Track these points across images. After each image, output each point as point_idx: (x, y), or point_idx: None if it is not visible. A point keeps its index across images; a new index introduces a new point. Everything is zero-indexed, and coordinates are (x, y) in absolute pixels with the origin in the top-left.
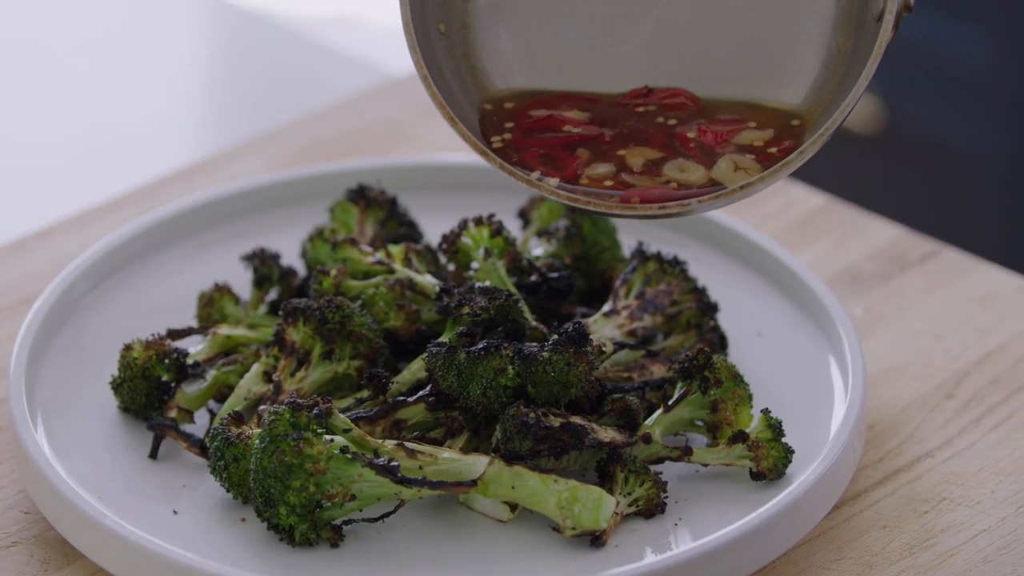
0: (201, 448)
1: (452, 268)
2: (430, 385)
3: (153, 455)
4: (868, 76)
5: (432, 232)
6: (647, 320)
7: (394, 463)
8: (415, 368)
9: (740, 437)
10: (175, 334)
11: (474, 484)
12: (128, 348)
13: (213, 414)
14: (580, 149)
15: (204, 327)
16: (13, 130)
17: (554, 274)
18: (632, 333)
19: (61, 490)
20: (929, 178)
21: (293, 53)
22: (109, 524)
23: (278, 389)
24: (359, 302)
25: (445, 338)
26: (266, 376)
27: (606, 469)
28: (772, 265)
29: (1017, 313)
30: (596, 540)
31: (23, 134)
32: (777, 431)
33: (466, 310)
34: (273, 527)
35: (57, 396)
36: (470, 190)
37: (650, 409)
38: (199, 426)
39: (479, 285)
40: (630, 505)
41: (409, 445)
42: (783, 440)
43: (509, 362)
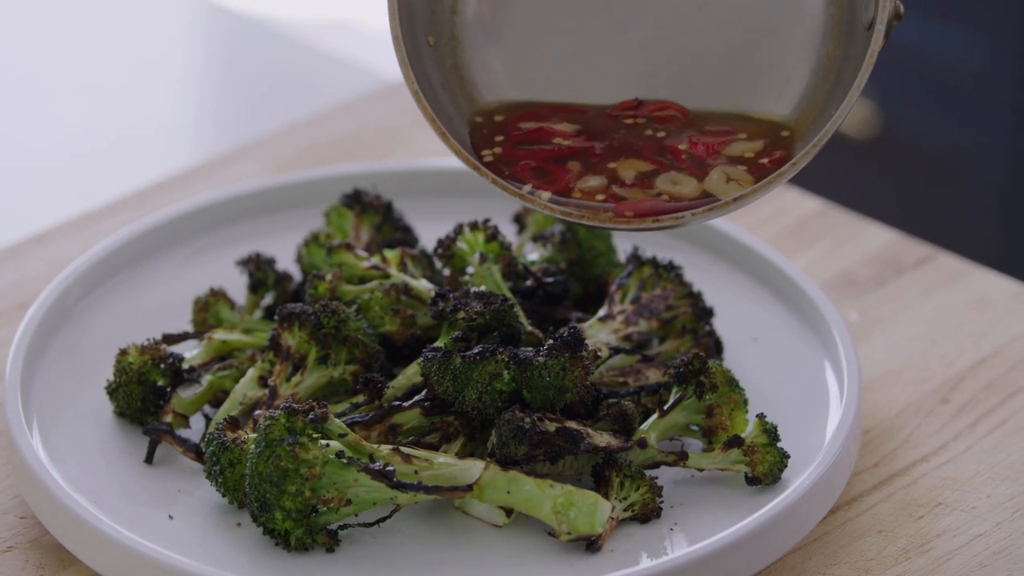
0: (197, 453)
1: (447, 273)
2: (425, 390)
3: (149, 460)
4: (860, 86)
5: (427, 237)
6: (642, 325)
7: (390, 468)
8: (410, 373)
9: (735, 442)
10: (171, 339)
11: (470, 489)
12: (124, 353)
13: (209, 419)
14: (571, 162)
15: (200, 332)
16: (9, 133)
17: (549, 279)
18: (627, 338)
19: (56, 495)
20: (924, 183)
21: (290, 58)
22: (105, 529)
23: (274, 394)
24: (355, 307)
25: (440, 343)
26: (262, 381)
27: (602, 474)
28: (767, 270)
29: (1012, 318)
30: (592, 545)
31: (19, 137)
32: (772, 436)
33: (461, 315)
34: (269, 532)
35: (52, 400)
36: (465, 195)
37: (645, 414)
38: (195, 431)
39: (474, 290)
40: (626, 510)
41: (405, 450)
42: (778, 445)
43: (504, 367)
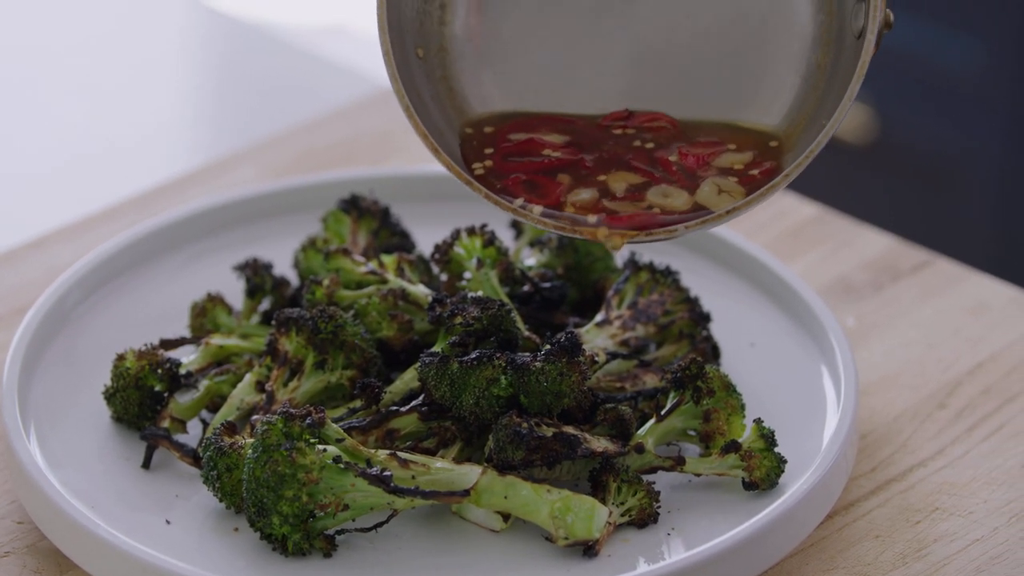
0: (194, 458)
1: (445, 278)
2: (423, 395)
3: (146, 465)
4: (852, 96)
5: (425, 242)
6: (640, 330)
7: (387, 473)
8: (408, 378)
9: (733, 447)
10: (168, 344)
11: (467, 494)
12: (121, 358)
13: (206, 424)
14: (561, 175)
15: (197, 337)
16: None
17: (547, 284)
18: (625, 343)
19: (54, 500)
20: (921, 188)
21: (287, 63)
22: (102, 534)
23: (271, 399)
24: (352, 312)
25: (438, 348)
26: (259, 386)
27: (599, 479)
28: (764, 275)
29: (1009, 323)
30: (589, 550)
31: (16, 142)
32: (770, 441)
33: (459, 320)
34: (266, 537)
35: (50, 406)
36: (463, 200)
37: (643, 419)
38: (192, 436)
39: (472, 295)
40: (623, 515)
41: (402, 455)
42: (776, 450)
43: (502, 372)
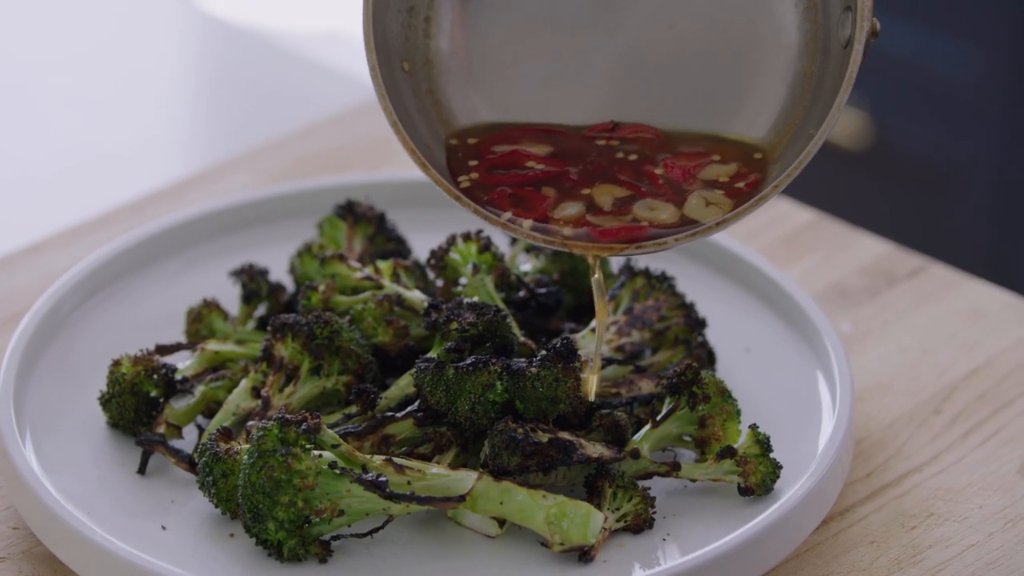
0: (190, 464)
1: (440, 284)
2: (418, 400)
3: (141, 471)
4: (840, 105)
5: (420, 248)
6: (635, 336)
7: (382, 478)
8: (403, 384)
9: (728, 452)
10: (163, 350)
11: (462, 499)
12: (116, 363)
13: (202, 430)
14: (546, 188)
15: (192, 343)
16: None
17: (542, 290)
18: (620, 349)
19: (49, 506)
20: (917, 194)
21: (282, 69)
22: (97, 540)
23: (266, 405)
24: (347, 318)
25: (433, 353)
26: (254, 392)
27: (594, 484)
28: (760, 281)
29: (1004, 329)
30: (584, 555)
31: (12, 148)
32: (765, 446)
33: (454, 326)
34: (262, 542)
35: (45, 411)
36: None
37: (638, 424)
38: (187, 442)
39: (467, 301)
40: (618, 520)
41: (397, 460)
42: (771, 455)
43: (497, 377)
